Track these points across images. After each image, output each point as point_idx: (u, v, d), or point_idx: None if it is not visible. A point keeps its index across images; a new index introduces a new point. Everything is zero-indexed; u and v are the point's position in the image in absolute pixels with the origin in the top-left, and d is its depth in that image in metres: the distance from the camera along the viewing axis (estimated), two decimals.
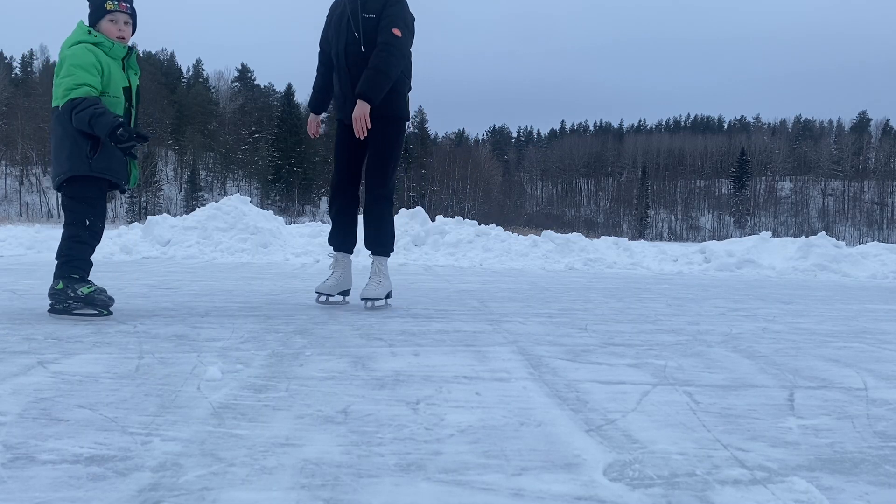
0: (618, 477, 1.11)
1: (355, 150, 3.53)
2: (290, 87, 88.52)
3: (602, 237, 9.90)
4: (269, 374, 1.81)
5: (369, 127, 3.30)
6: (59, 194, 2.94)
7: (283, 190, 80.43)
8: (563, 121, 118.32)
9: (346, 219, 3.63)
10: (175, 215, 9.90)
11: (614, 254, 8.97)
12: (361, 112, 3.27)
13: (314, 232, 9.72)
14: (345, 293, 3.67)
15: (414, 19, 3.47)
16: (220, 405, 1.48)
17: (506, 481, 1.08)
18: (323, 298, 3.63)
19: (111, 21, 2.91)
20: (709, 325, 3.08)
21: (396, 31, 3.32)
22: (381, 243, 3.53)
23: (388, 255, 3.56)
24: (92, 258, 2.90)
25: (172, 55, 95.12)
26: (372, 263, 3.53)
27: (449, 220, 9.87)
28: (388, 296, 3.56)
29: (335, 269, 3.64)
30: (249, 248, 8.40)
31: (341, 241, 3.64)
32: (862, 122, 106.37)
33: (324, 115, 3.95)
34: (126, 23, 2.96)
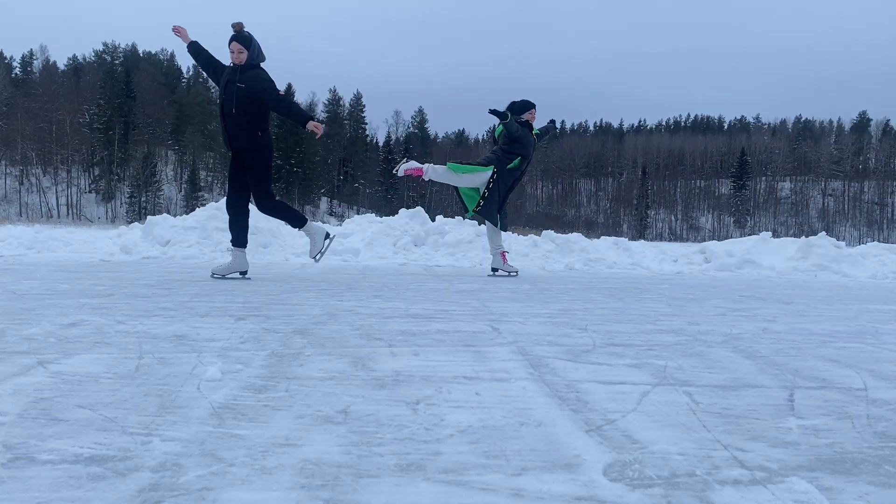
0: (618, 477, 1.11)
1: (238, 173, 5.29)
2: (290, 87, 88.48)
3: (602, 237, 9.87)
4: (269, 374, 1.81)
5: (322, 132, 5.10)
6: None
7: (283, 190, 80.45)
8: (563, 121, 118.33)
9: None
10: (175, 215, 9.90)
11: (614, 254, 8.97)
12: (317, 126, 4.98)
13: None
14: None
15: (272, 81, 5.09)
16: (220, 405, 1.48)
17: (506, 481, 1.08)
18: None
19: None
20: (709, 326, 3.08)
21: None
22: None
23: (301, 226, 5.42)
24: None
25: (172, 55, 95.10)
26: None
27: (449, 220, 9.86)
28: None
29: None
30: (249, 249, 8.39)
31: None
32: (862, 123, 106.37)
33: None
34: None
